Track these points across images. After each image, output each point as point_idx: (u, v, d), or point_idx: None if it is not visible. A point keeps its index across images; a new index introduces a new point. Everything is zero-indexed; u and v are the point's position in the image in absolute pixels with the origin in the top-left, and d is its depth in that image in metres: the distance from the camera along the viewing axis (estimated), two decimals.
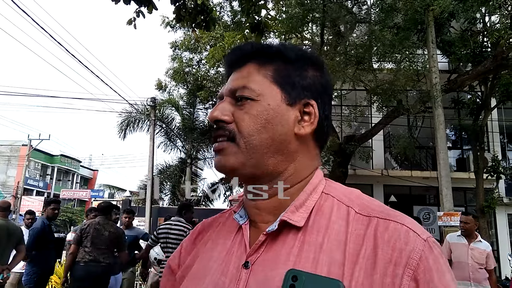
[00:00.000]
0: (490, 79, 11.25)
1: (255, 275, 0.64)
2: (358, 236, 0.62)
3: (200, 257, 0.75)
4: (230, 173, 0.71)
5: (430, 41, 9.74)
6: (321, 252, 0.62)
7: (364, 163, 13.02)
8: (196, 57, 15.77)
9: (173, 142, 17.79)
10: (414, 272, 0.57)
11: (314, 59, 0.75)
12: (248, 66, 0.73)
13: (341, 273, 0.59)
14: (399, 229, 0.61)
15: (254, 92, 0.69)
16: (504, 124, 13.81)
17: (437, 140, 9.56)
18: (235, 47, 0.77)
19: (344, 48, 10.59)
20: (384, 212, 0.64)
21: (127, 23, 4.20)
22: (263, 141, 0.68)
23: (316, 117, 0.71)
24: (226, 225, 0.78)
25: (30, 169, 34.01)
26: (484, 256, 4.56)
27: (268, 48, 0.74)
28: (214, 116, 0.70)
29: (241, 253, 0.68)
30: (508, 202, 12.96)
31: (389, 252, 0.59)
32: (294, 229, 0.66)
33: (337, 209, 0.67)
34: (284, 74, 0.71)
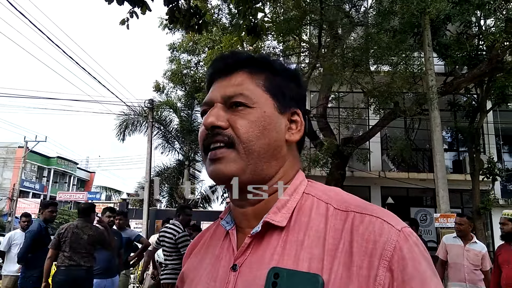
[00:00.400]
0: (485, 81, 11.34)
1: (242, 276, 0.66)
2: (337, 231, 0.64)
3: (193, 268, 0.78)
4: (228, 180, 0.71)
5: (427, 44, 9.82)
6: (302, 249, 0.64)
7: (361, 165, 13.09)
8: (194, 59, 15.82)
9: (171, 144, 17.80)
10: (389, 263, 0.59)
11: (296, 72, 0.81)
12: (239, 74, 0.75)
13: (321, 267, 0.61)
14: (373, 222, 0.63)
15: (250, 100, 0.71)
16: (499, 126, 13.92)
17: (433, 142, 9.63)
18: (223, 55, 0.79)
19: (341, 50, 10.66)
20: (360, 207, 0.66)
21: (120, 23, 4.22)
22: (262, 147, 0.70)
23: (302, 124, 0.77)
24: (215, 233, 0.80)
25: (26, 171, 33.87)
26: (479, 258, 4.59)
27: (258, 58, 0.78)
28: (210, 122, 0.70)
29: (229, 257, 0.71)
30: (504, 203, 13.05)
31: (363, 245, 0.61)
32: (278, 229, 0.68)
33: (317, 206, 0.69)
34: (275, 84, 0.75)
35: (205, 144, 0.73)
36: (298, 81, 0.80)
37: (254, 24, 4.03)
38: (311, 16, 10.47)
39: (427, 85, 9.72)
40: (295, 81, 0.79)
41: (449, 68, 12.07)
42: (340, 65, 10.16)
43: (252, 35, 4.06)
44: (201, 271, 0.74)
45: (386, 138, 14.44)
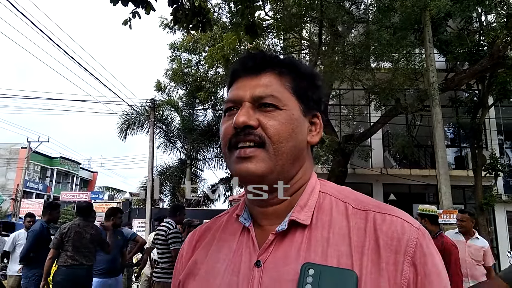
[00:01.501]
0: (487, 77, 11.32)
1: (267, 272, 0.68)
2: (360, 229, 0.68)
3: (206, 260, 0.78)
4: (258, 179, 0.72)
5: (427, 40, 9.80)
6: (329, 246, 0.67)
7: (363, 162, 13.09)
8: (195, 58, 15.83)
9: (173, 143, 17.82)
10: (412, 258, 0.64)
11: (318, 75, 0.83)
12: (267, 74, 0.76)
13: (350, 263, 0.64)
14: (395, 221, 0.68)
15: (281, 102, 0.73)
16: (501, 121, 13.88)
17: (435, 138, 9.62)
18: (252, 54, 0.80)
19: (342, 47, 10.66)
20: (378, 206, 0.71)
21: (123, 23, 4.24)
22: (290, 148, 0.72)
23: (321, 127, 0.80)
24: (228, 227, 0.81)
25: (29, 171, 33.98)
26: (481, 253, 4.61)
27: (286, 60, 0.79)
28: (243, 121, 0.71)
29: (250, 253, 0.72)
30: (506, 199, 13.04)
31: (389, 242, 0.65)
32: (300, 227, 0.71)
33: (336, 205, 0.73)
34: (301, 87, 0.77)
35: (232, 141, 0.73)
36: (320, 84, 0.82)
37: (252, 22, 4.04)
38: (312, 14, 10.47)
39: (428, 82, 9.71)
40: (318, 84, 0.81)
41: (450, 64, 12.05)
42: (341, 62, 10.16)
43: (250, 33, 4.08)
44: (218, 265, 0.74)
45: (387, 135, 14.43)
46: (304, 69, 0.80)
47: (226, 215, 0.85)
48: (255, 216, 0.77)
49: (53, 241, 4.59)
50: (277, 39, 12.11)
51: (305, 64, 0.83)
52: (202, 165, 19.57)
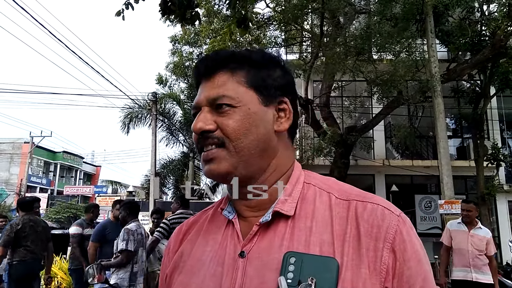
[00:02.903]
0: (488, 67, 11.28)
1: (251, 262, 0.69)
2: (342, 218, 0.69)
3: (192, 253, 0.79)
4: (223, 177, 0.75)
5: (429, 31, 9.77)
6: (311, 235, 0.68)
7: (365, 153, 13.11)
8: (196, 51, 15.76)
9: (175, 136, 17.86)
10: (392, 245, 0.66)
11: (278, 59, 0.82)
12: (219, 75, 0.76)
13: (332, 251, 0.66)
14: (375, 208, 0.69)
15: (234, 100, 0.73)
16: (503, 112, 13.86)
17: (437, 129, 9.63)
18: (204, 57, 0.81)
19: (343, 39, 10.63)
20: (360, 195, 0.73)
21: (116, 14, 4.22)
22: (250, 143, 0.72)
23: (291, 112, 0.78)
24: (213, 221, 0.82)
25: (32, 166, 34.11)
26: (484, 243, 4.61)
27: (236, 55, 0.78)
28: (199, 128, 0.73)
29: (234, 244, 0.73)
30: (508, 189, 13.05)
31: (369, 229, 0.67)
32: (284, 218, 0.72)
33: (319, 196, 0.74)
34: (256, 77, 0.76)
35: (198, 147, 0.77)
36: (282, 68, 0.80)
37: (244, 16, 3.97)
38: (313, 5, 10.43)
39: (430, 72, 9.69)
40: (279, 69, 0.80)
41: (452, 54, 12.01)
42: (343, 54, 10.14)
43: (242, 26, 4.01)
44: (203, 257, 0.76)
45: (389, 126, 14.43)
46: (258, 58, 0.78)
47: (212, 209, 0.86)
48: (239, 208, 0.78)
49: (4, 239, 4.61)
50: (279, 31, 12.08)
51: (262, 52, 0.82)
52: None
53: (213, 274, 0.72)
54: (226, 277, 0.70)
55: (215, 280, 0.71)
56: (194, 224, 0.86)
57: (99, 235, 5.20)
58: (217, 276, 0.71)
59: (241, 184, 0.75)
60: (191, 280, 0.75)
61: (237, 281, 0.68)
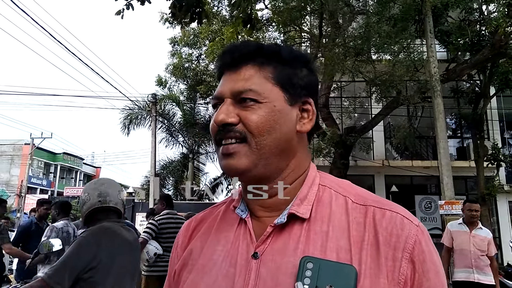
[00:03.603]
0: (488, 67, 11.25)
1: (265, 264, 0.67)
2: (359, 224, 0.67)
3: (203, 252, 0.77)
4: (241, 174, 0.72)
5: (428, 31, 9.74)
6: (328, 240, 0.66)
7: (365, 154, 13.10)
8: (195, 52, 15.82)
9: (175, 137, 17.86)
10: (411, 255, 0.64)
11: (306, 58, 0.79)
12: (247, 68, 0.74)
13: (349, 258, 0.64)
14: (394, 217, 0.68)
15: (260, 95, 0.71)
16: (503, 112, 13.83)
17: (437, 129, 9.60)
18: (231, 47, 0.77)
19: (342, 40, 10.61)
20: (377, 202, 0.71)
21: (116, 13, 4.24)
22: (273, 141, 0.71)
23: (314, 114, 0.76)
24: (225, 219, 0.80)
25: (33, 167, 34.12)
26: (485, 243, 4.56)
27: (265, 49, 0.75)
28: (221, 120, 0.71)
29: (247, 244, 0.71)
30: (508, 189, 13.02)
31: (388, 238, 0.65)
32: (299, 220, 0.70)
33: (335, 199, 0.72)
34: (284, 75, 0.74)
35: (217, 138, 0.74)
36: (309, 68, 0.78)
37: (250, 15, 3.98)
38: (312, 6, 10.42)
39: (429, 73, 9.67)
40: (306, 68, 0.78)
41: (451, 54, 11.98)
42: (342, 54, 10.13)
43: (248, 26, 4.02)
44: (214, 256, 0.74)
45: (389, 127, 14.41)
46: (288, 55, 0.76)
47: (223, 205, 0.84)
48: (252, 207, 0.76)
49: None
50: (278, 33, 12.08)
51: (291, 49, 0.79)
52: (204, 159, 19.61)
53: (225, 274, 0.70)
54: (239, 278, 0.68)
55: (227, 281, 0.69)
56: (203, 220, 0.85)
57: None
58: (229, 277, 0.70)
59: (257, 183, 0.74)
60: (202, 280, 0.73)
61: (250, 283, 0.67)
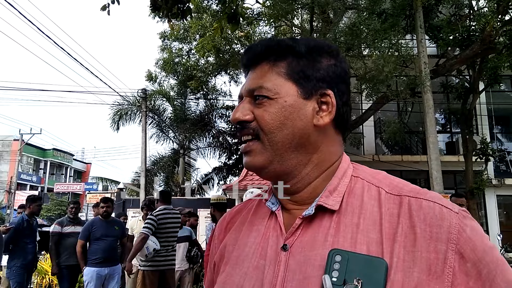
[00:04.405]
0: (478, 63, 11.34)
1: (294, 256, 0.67)
2: (392, 215, 0.65)
3: (237, 245, 0.78)
4: (259, 171, 0.74)
5: (419, 26, 9.78)
6: (358, 232, 0.65)
7: (355, 149, 13.15)
8: (185, 47, 15.66)
9: (165, 133, 17.76)
10: (457, 246, 0.61)
11: (327, 48, 0.77)
12: (261, 66, 0.75)
13: (380, 251, 0.62)
14: (432, 207, 0.64)
15: (270, 91, 0.71)
16: (492, 107, 13.97)
17: (426, 124, 9.66)
18: (248, 47, 0.79)
19: (333, 35, 10.60)
20: (413, 191, 0.68)
21: (101, 9, 4.20)
22: (285, 137, 0.70)
23: (333, 106, 0.73)
24: (257, 212, 0.81)
25: (22, 163, 33.82)
26: None
27: (278, 45, 0.75)
28: (236, 118, 0.73)
29: (277, 237, 0.72)
30: (496, 183, 13.18)
31: (427, 229, 0.62)
32: (329, 212, 0.69)
33: (368, 190, 0.71)
34: (297, 69, 0.73)
35: (238, 137, 0.76)
36: (331, 59, 0.76)
37: (235, 11, 3.94)
38: (302, 0, 10.38)
39: (419, 68, 9.71)
40: (328, 58, 0.76)
41: (441, 50, 12.05)
42: None
43: (233, 22, 3.98)
44: (247, 248, 0.75)
45: (379, 122, 14.47)
46: (302, 48, 0.74)
47: (257, 199, 0.85)
48: (282, 200, 0.76)
49: None
50: (268, 27, 12.03)
51: (309, 40, 0.77)
52: (195, 155, 19.55)
53: (256, 266, 0.71)
54: (269, 270, 0.69)
55: (258, 272, 0.70)
56: (238, 213, 0.86)
57: (85, 232, 5.22)
58: (259, 269, 0.70)
59: (278, 179, 0.75)
60: (235, 271, 0.74)
61: (279, 275, 0.67)
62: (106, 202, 5.39)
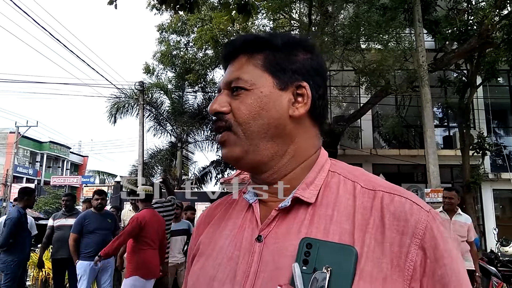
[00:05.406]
0: (475, 57, 11.36)
1: (268, 247, 0.68)
2: (365, 208, 0.66)
3: (214, 237, 0.79)
4: (235, 162, 0.75)
5: (417, 20, 9.77)
6: (331, 223, 0.66)
7: (353, 143, 13.18)
8: (183, 40, 15.58)
9: (163, 126, 17.70)
10: (421, 241, 0.62)
11: (304, 43, 0.78)
12: (239, 58, 0.76)
13: (352, 241, 0.63)
14: (403, 202, 0.66)
15: (247, 83, 0.73)
16: (489, 101, 14.02)
17: (424, 118, 9.69)
18: (227, 42, 0.81)
19: (332, 28, 10.58)
20: (387, 187, 0.69)
21: (108, 3, 4.18)
22: (260, 127, 0.72)
23: (309, 97, 0.74)
24: (236, 205, 0.81)
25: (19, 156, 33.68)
26: (465, 229, 4.68)
27: (256, 39, 0.77)
28: (213, 109, 0.75)
29: (253, 228, 0.72)
30: (493, 177, 13.26)
31: (395, 223, 0.63)
32: (305, 204, 0.70)
33: (344, 184, 0.72)
34: (273, 61, 0.74)
35: (214, 129, 0.77)
36: (307, 52, 0.78)
37: (245, 1, 3.91)
38: None
39: (417, 62, 9.72)
40: (304, 52, 0.77)
41: (439, 44, 12.06)
42: (331, 43, 10.10)
43: (243, 13, 3.95)
44: (222, 240, 0.76)
45: (377, 116, 14.49)
46: (279, 41, 0.76)
47: (237, 193, 0.86)
48: (260, 193, 0.77)
49: None
50: (267, 20, 11.99)
51: (285, 35, 0.79)
52: (193, 148, 19.52)
53: (230, 257, 0.72)
54: (243, 261, 0.69)
55: (231, 263, 0.71)
56: (217, 208, 0.86)
57: (77, 226, 5.14)
58: (233, 259, 0.71)
59: (257, 170, 0.76)
60: (209, 262, 0.75)
61: (252, 265, 0.68)
62: (101, 194, 5.34)
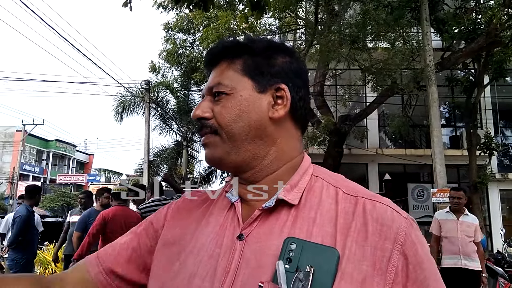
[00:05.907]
0: (483, 56, 11.27)
1: (249, 245, 0.69)
2: (348, 213, 0.69)
3: (195, 233, 0.79)
4: (218, 163, 0.78)
5: (424, 19, 9.71)
6: (314, 226, 0.68)
7: (359, 142, 13.13)
8: (189, 38, 15.60)
9: (169, 125, 17.76)
10: (402, 247, 0.65)
11: (283, 47, 0.81)
12: (220, 64, 0.79)
13: (334, 243, 0.65)
14: (385, 209, 0.69)
15: (227, 87, 0.75)
16: (496, 101, 13.91)
17: (431, 118, 9.64)
18: (209, 49, 0.83)
19: (338, 27, 10.54)
20: (368, 194, 0.72)
21: (123, 5, 4.16)
22: (241, 129, 0.74)
23: (288, 99, 0.76)
24: (217, 203, 0.82)
25: (25, 154, 33.89)
26: (472, 229, 4.68)
27: (235, 44, 0.79)
28: (196, 115, 0.77)
29: (234, 227, 0.73)
30: (500, 178, 13.17)
31: (378, 228, 0.66)
32: (287, 206, 0.72)
33: (326, 189, 0.74)
34: (252, 65, 0.77)
35: (200, 134, 0.79)
36: (285, 56, 0.80)
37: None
38: None
39: (424, 61, 9.66)
40: (282, 56, 0.79)
41: (446, 43, 11.98)
42: (337, 42, 10.06)
43: (256, 10, 3.92)
44: (204, 238, 0.76)
45: (383, 115, 14.44)
46: (257, 46, 0.79)
47: (219, 191, 0.86)
48: (243, 193, 0.78)
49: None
50: (273, 19, 11.96)
51: (263, 40, 0.82)
52: (198, 147, 19.55)
53: (211, 255, 0.72)
54: (223, 258, 0.70)
55: (212, 261, 0.71)
56: (192, 202, 0.87)
57: (81, 224, 5.18)
58: (214, 257, 0.71)
59: (239, 170, 0.77)
60: (189, 260, 0.75)
61: (233, 262, 0.68)
62: (110, 192, 5.45)
